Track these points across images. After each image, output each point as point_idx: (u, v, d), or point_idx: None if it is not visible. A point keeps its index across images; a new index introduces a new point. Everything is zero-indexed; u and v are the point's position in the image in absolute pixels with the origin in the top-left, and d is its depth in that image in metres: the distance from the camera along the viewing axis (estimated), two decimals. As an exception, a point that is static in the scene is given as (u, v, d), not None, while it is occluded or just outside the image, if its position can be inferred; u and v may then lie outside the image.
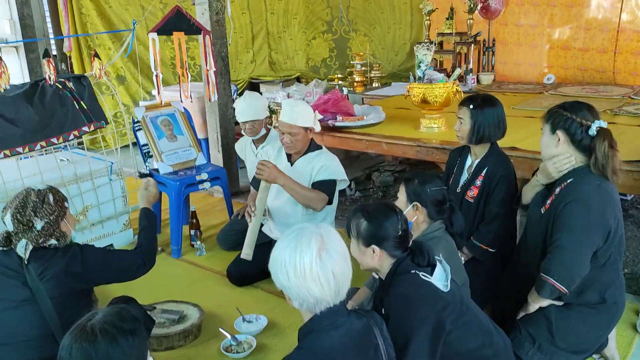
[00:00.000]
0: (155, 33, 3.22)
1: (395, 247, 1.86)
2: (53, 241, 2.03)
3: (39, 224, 1.99)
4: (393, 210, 1.90)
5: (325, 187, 2.98)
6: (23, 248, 1.97)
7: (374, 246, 1.86)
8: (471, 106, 2.71)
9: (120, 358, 1.33)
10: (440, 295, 1.77)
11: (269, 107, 3.78)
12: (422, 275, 1.79)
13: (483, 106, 2.71)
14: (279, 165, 3.04)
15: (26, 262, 1.97)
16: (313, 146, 3.12)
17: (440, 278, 1.80)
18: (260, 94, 4.88)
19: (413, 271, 1.80)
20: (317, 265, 1.41)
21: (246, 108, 3.53)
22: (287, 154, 3.15)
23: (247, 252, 2.88)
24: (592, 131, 2.14)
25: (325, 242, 1.44)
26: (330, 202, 3.02)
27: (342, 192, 4.77)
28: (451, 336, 1.78)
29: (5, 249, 2.03)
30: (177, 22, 3.40)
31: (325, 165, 3.02)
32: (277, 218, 3.20)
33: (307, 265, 1.41)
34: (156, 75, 3.31)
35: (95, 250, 2.18)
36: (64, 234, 2.07)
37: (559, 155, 2.23)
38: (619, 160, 2.18)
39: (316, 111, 3.22)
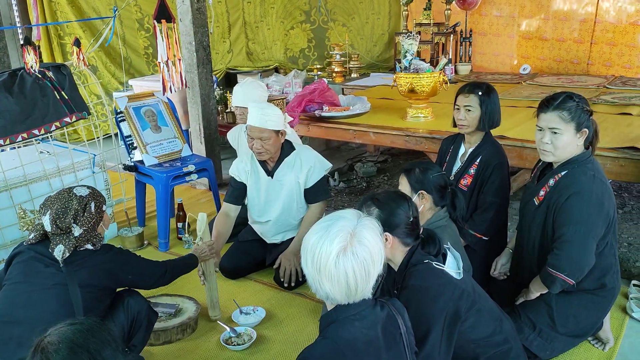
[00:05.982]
0: (155, 20, 3.12)
1: (407, 234, 1.86)
2: (89, 246, 2.04)
3: (77, 231, 1.99)
4: (403, 197, 1.91)
5: (321, 187, 3.01)
6: (60, 253, 1.96)
7: (387, 233, 1.83)
8: (479, 93, 2.69)
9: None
10: (456, 284, 1.78)
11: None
12: (436, 264, 1.79)
13: (489, 92, 2.72)
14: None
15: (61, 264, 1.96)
16: (286, 149, 2.96)
17: (452, 266, 1.81)
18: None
19: (426, 261, 1.81)
20: (332, 264, 1.36)
21: (239, 93, 3.48)
22: (262, 166, 2.98)
23: (215, 313, 2.70)
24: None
25: (352, 243, 1.37)
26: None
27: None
28: (465, 324, 1.80)
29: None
30: (164, 10, 3.31)
31: (311, 166, 2.94)
32: (276, 227, 3.09)
33: (323, 259, 1.37)
34: (165, 63, 3.22)
35: (129, 253, 2.21)
36: (99, 236, 2.09)
37: None
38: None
39: (285, 113, 3.08)
